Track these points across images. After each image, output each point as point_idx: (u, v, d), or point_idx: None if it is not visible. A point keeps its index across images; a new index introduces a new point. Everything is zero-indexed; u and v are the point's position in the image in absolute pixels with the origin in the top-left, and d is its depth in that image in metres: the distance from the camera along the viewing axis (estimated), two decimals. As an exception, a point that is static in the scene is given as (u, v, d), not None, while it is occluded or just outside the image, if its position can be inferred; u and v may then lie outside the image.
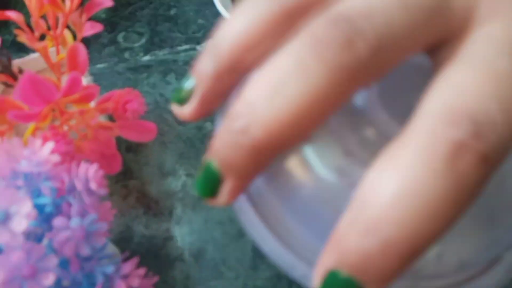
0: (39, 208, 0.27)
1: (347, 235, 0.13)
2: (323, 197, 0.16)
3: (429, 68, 0.16)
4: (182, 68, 0.52)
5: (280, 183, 0.17)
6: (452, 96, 0.13)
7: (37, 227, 0.27)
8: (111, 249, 0.39)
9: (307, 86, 0.14)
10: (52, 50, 0.40)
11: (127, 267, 0.29)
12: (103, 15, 0.56)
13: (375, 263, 0.13)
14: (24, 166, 0.27)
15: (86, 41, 0.40)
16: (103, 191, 0.29)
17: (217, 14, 0.53)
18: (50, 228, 0.27)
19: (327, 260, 0.14)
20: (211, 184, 0.16)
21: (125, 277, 0.29)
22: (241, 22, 0.17)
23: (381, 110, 0.17)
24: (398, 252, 0.13)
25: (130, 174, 0.47)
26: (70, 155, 0.33)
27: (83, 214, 0.27)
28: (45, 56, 0.39)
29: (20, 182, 0.27)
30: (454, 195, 0.13)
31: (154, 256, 0.43)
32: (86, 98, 0.35)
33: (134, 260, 0.30)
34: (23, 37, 0.37)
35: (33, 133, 0.35)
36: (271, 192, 0.17)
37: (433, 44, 0.15)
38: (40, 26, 0.38)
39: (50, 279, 0.24)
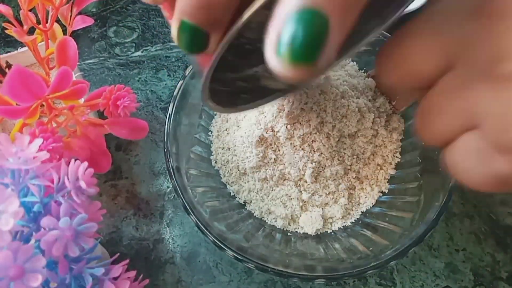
0: (27, 207, 0.26)
1: None
2: None
3: None
4: (175, 64, 0.51)
5: None
6: None
7: (25, 226, 0.26)
8: (100, 250, 0.38)
9: None
10: (41, 45, 0.39)
11: (117, 269, 0.28)
12: (94, 9, 0.55)
13: None
14: (12, 163, 0.26)
15: (75, 35, 0.39)
16: (93, 190, 0.28)
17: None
18: (38, 227, 0.26)
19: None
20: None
21: (115, 279, 0.28)
22: None
23: None
24: None
25: (120, 174, 0.45)
26: (59, 152, 0.32)
27: (72, 213, 0.26)
28: (34, 50, 0.38)
29: (7, 179, 0.26)
30: None
31: (144, 258, 0.42)
32: (76, 94, 0.34)
33: (124, 263, 0.29)
34: (11, 31, 0.36)
35: (21, 130, 0.34)
36: None
37: None
38: (29, 19, 0.37)
39: (38, 280, 0.23)
